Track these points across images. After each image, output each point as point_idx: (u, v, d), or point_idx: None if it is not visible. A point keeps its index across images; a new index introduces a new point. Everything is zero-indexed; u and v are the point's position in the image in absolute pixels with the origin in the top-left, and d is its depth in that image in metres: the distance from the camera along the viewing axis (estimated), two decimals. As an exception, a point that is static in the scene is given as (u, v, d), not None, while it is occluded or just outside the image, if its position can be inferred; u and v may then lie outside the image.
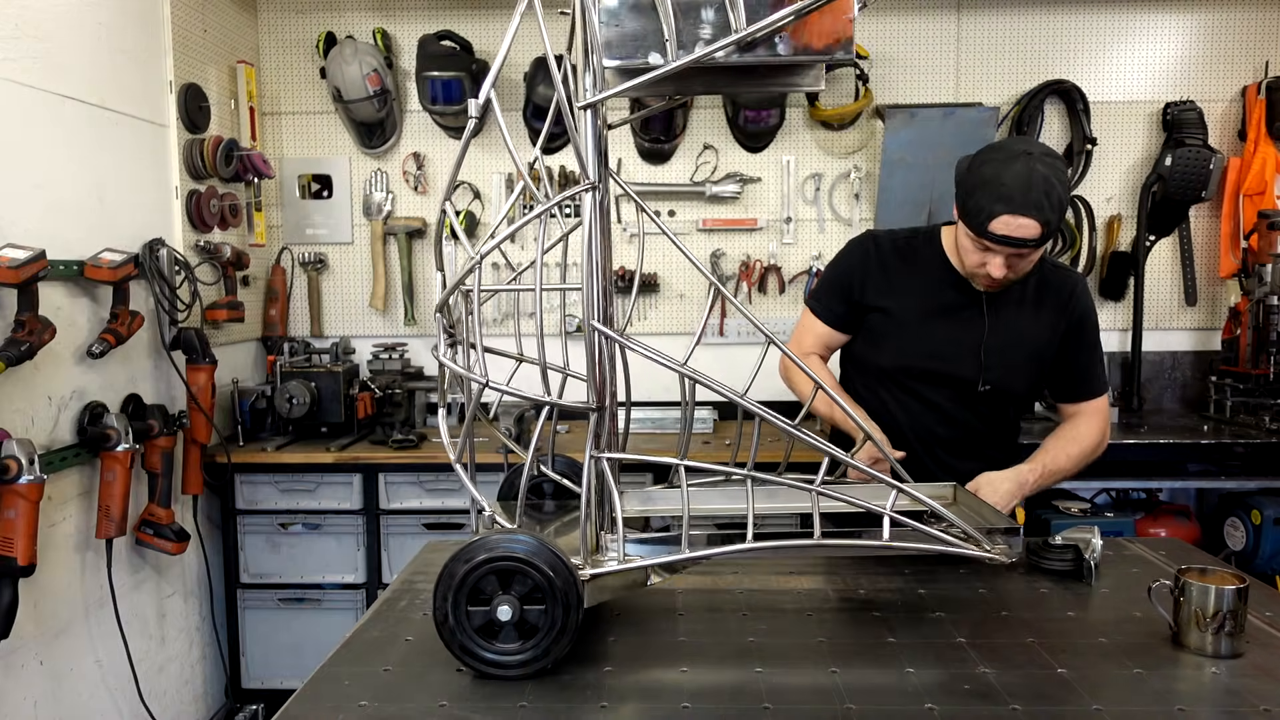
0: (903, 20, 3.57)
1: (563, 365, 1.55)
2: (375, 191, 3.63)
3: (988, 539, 1.35)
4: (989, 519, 1.47)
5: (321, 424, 3.22)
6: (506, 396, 1.36)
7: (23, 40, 2.26)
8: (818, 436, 1.36)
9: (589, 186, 1.30)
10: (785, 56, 1.30)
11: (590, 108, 1.29)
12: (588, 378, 1.34)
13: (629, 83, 1.28)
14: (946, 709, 1.19)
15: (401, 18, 3.57)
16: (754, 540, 1.31)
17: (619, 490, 1.34)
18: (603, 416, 1.33)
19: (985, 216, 1.70)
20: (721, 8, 1.26)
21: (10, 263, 2.08)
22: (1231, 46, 3.57)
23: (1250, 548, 3.12)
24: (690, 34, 1.28)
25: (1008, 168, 1.69)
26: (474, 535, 1.30)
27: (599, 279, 1.33)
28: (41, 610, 2.32)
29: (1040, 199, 1.66)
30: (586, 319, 1.32)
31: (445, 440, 1.38)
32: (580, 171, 1.30)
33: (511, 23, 1.27)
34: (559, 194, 1.31)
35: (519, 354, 1.62)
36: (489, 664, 1.27)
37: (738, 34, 1.24)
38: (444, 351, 1.35)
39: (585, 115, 1.30)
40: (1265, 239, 3.27)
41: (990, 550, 1.33)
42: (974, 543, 1.34)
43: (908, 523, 1.35)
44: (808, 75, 1.43)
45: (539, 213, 1.31)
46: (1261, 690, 1.23)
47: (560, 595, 1.24)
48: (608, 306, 1.36)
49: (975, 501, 1.60)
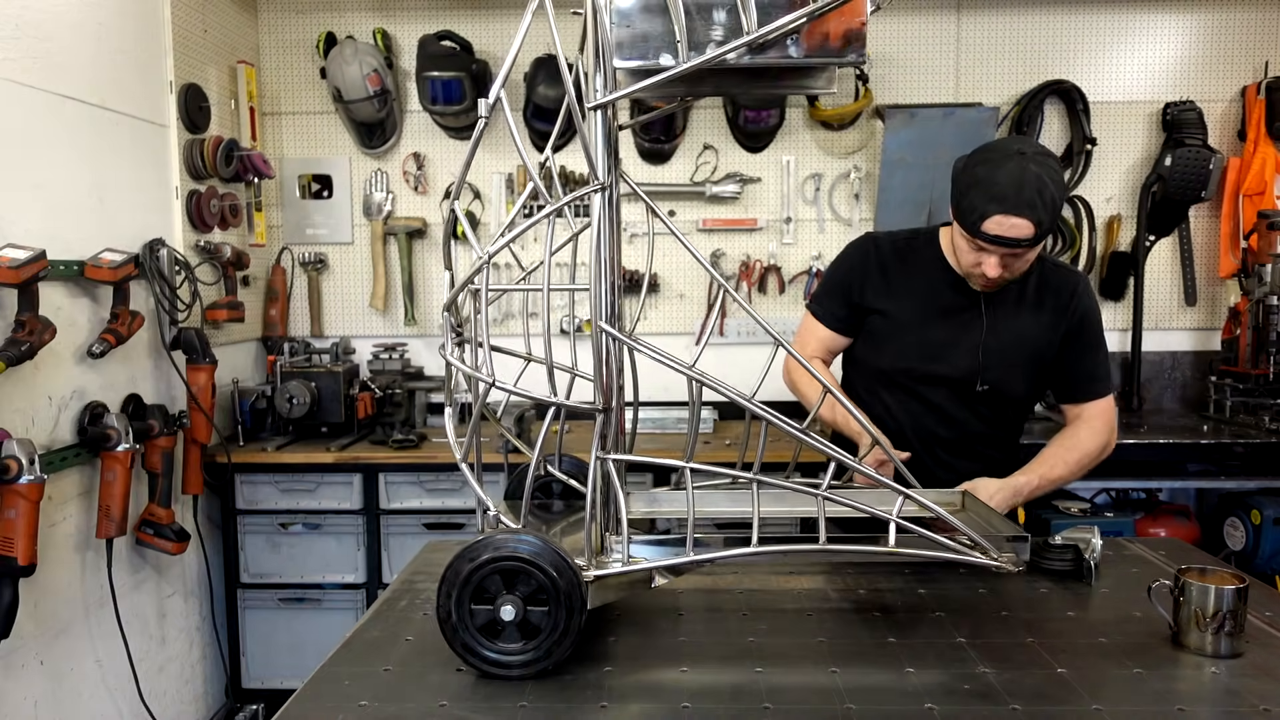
0: (903, 20, 3.57)
1: (570, 365, 1.55)
2: (375, 191, 3.63)
3: (995, 547, 1.34)
4: (997, 526, 1.46)
5: (321, 424, 3.22)
6: (510, 397, 1.36)
7: (23, 40, 2.26)
8: (824, 440, 1.36)
9: (599, 187, 1.29)
10: (797, 59, 1.29)
11: (601, 108, 1.29)
12: (594, 379, 1.33)
13: (640, 84, 1.27)
14: (946, 709, 1.19)
15: (401, 18, 3.57)
16: (759, 544, 1.31)
17: (625, 492, 1.34)
18: (609, 417, 1.33)
19: (978, 216, 1.70)
20: (733, 9, 1.26)
21: (10, 263, 2.08)
22: (1231, 46, 3.57)
23: (1250, 548, 3.12)
24: (702, 35, 1.27)
25: (1001, 167, 1.69)
26: (479, 534, 1.30)
27: (608, 280, 1.32)
28: (41, 610, 2.32)
29: (1033, 198, 1.66)
30: (594, 320, 1.31)
31: (452, 439, 1.37)
32: (590, 172, 1.30)
33: (522, 22, 1.27)
34: (566, 194, 1.31)
35: (527, 353, 1.62)
36: (491, 663, 1.27)
37: (749, 35, 1.23)
38: (451, 350, 1.35)
39: (595, 116, 1.30)
40: (1265, 239, 3.27)
41: (998, 559, 1.32)
42: (981, 550, 1.33)
43: (914, 529, 1.33)
44: (819, 77, 1.42)
45: (548, 212, 1.31)
46: (1261, 690, 1.23)
47: (564, 596, 1.24)
48: (615, 307, 1.36)
49: (984, 509, 1.59)
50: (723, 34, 1.27)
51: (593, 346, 1.32)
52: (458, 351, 1.39)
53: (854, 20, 1.28)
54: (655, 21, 1.28)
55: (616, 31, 1.28)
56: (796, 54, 1.29)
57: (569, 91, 1.25)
